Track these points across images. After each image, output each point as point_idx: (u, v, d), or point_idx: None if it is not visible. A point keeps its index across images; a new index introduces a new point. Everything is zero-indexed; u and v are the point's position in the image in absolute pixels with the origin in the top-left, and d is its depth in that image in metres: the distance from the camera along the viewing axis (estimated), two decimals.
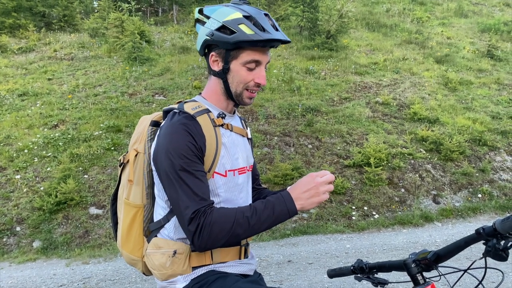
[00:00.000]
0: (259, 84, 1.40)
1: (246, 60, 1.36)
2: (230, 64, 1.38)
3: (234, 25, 1.31)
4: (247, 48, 1.34)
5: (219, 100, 1.48)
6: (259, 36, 1.30)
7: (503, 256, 1.10)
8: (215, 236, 1.23)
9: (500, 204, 6.91)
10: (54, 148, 7.16)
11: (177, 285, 1.38)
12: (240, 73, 1.38)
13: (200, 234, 1.23)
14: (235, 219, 1.23)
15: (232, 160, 1.45)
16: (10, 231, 5.68)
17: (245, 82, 1.39)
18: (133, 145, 1.52)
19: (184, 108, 1.41)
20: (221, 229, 1.23)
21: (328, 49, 12.00)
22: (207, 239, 1.23)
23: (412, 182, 7.09)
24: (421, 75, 11.05)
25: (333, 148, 7.64)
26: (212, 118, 1.42)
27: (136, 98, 9.04)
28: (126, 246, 1.50)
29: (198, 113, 1.39)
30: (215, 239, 1.24)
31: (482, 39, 14.30)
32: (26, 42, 12.24)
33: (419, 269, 1.31)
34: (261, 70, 1.39)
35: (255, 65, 1.38)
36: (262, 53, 1.37)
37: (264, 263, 4.78)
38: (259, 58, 1.37)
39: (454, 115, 9.20)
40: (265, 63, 1.40)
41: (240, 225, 1.24)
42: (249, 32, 1.30)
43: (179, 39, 12.99)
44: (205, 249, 1.29)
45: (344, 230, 5.97)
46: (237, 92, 1.42)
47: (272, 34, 1.32)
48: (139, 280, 4.39)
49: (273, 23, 1.36)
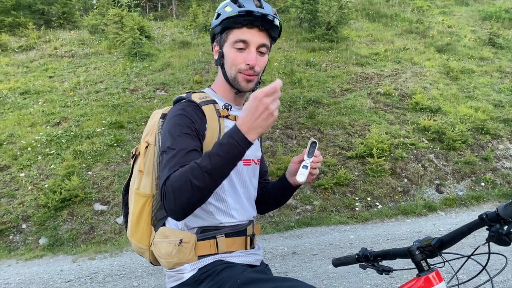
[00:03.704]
0: (249, 65, 1.39)
1: (233, 40, 1.40)
2: (223, 48, 1.44)
3: (221, 9, 1.42)
4: (234, 28, 1.39)
5: (225, 90, 1.51)
6: (235, 10, 1.36)
7: (506, 241, 1.10)
8: (177, 195, 1.18)
9: (504, 192, 6.91)
10: (57, 145, 7.19)
11: (184, 274, 1.40)
12: (230, 55, 1.41)
13: (166, 198, 1.20)
14: (190, 170, 1.17)
15: None
16: (16, 229, 5.73)
17: (235, 64, 1.41)
18: (145, 138, 1.55)
19: (192, 97, 1.46)
20: (179, 186, 1.17)
21: (328, 40, 11.95)
22: (172, 200, 1.18)
23: (415, 172, 7.09)
24: (423, 64, 11.01)
25: (336, 140, 7.65)
26: (217, 109, 1.45)
27: (137, 94, 9.05)
28: (135, 235, 1.53)
29: (204, 102, 1.43)
30: (179, 198, 1.18)
31: (484, 27, 14.21)
32: (26, 40, 12.24)
33: (423, 256, 1.32)
34: (250, 51, 1.40)
35: (244, 45, 1.39)
36: (249, 32, 1.39)
37: (269, 255, 4.81)
38: (245, 37, 1.38)
39: (456, 104, 9.18)
40: (255, 44, 1.40)
41: (195, 176, 1.16)
42: (229, 10, 1.38)
43: (179, 34, 12.96)
44: (178, 213, 1.23)
45: (347, 221, 5.99)
46: (232, 76, 1.43)
47: (248, 8, 1.36)
48: (145, 275, 4.43)
49: (259, 3, 1.40)
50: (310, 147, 1.48)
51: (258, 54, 1.42)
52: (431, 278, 1.29)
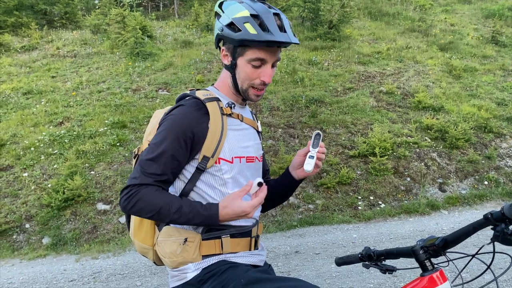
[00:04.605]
0: (264, 82, 1.42)
1: (251, 58, 1.38)
2: (237, 60, 1.42)
3: (240, 23, 1.35)
4: (252, 46, 1.37)
5: (229, 92, 1.52)
6: (260, 37, 1.32)
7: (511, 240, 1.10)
8: (140, 210, 1.33)
9: (507, 190, 6.88)
10: (60, 145, 7.21)
11: (188, 273, 1.40)
12: (245, 70, 1.41)
13: (127, 201, 1.32)
14: (161, 206, 1.32)
15: (240, 148, 1.48)
16: (20, 228, 5.75)
17: (250, 80, 1.42)
18: (147, 137, 1.56)
19: (196, 94, 1.46)
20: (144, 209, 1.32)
21: (330, 39, 11.93)
22: (132, 207, 1.33)
23: (417, 170, 7.07)
24: (425, 63, 10.97)
25: (338, 139, 7.63)
26: (221, 107, 1.46)
27: (139, 94, 9.05)
28: (138, 235, 1.54)
29: (208, 99, 1.44)
30: (135, 211, 1.34)
31: (486, 25, 14.16)
32: (29, 41, 12.27)
33: (427, 256, 1.32)
34: (266, 68, 1.41)
35: (261, 63, 1.39)
36: (267, 52, 1.38)
37: (272, 254, 4.81)
38: (264, 56, 1.38)
39: (459, 103, 9.15)
40: (272, 62, 1.42)
41: (162, 213, 1.32)
42: (252, 31, 1.33)
43: (181, 33, 12.96)
44: (128, 213, 1.44)
45: (350, 220, 5.98)
46: (243, 88, 1.45)
47: (274, 35, 1.32)
48: (148, 274, 4.44)
49: (281, 24, 1.37)
50: (315, 138, 1.54)
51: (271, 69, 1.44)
52: (435, 277, 1.29)
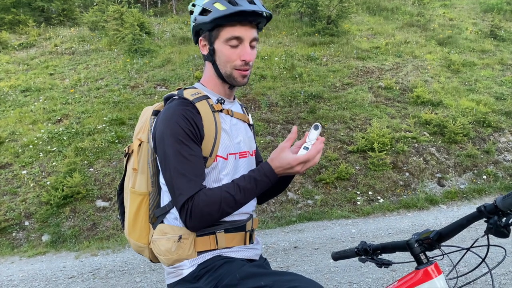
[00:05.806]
0: (245, 61, 1.40)
1: (226, 37, 1.38)
2: (214, 45, 1.41)
3: (210, 5, 1.36)
4: (226, 25, 1.37)
5: (216, 84, 1.50)
6: (230, 10, 1.32)
7: (504, 233, 1.11)
8: (205, 218, 1.31)
9: (505, 185, 6.90)
10: (58, 142, 7.20)
11: (184, 270, 1.40)
12: (224, 52, 1.40)
13: (191, 218, 1.29)
14: (221, 200, 1.30)
15: (233, 144, 1.48)
16: (19, 226, 5.75)
17: (230, 61, 1.40)
18: (137, 135, 1.56)
19: (184, 94, 1.44)
20: (209, 212, 1.30)
21: (329, 34, 11.90)
22: (198, 221, 1.31)
23: (416, 165, 7.08)
24: (424, 58, 10.96)
25: (337, 134, 7.64)
26: (211, 104, 1.44)
27: (138, 91, 9.04)
28: (133, 234, 1.53)
29: (197, 99, 1.42)
30: (205, 221, 1.32)
31: (485, 20, 14.13)
32: (27, 38, 12.23)
33: (422, 249, 1.32)
34: (244, 47, 1.39)
35: (237, 41, 1.39)
36: (242, 29, 1.38)
37: (271, 250, 4.82)
38: (239, 34, 1.38)
39: (457, 97, 9.15)
40: (249, 39, 1.40)
41: (227, 204, 1.31)
42: (222, 8, 1.33)
43: (179, 30, 12.92)
44: (198, 228, 1.37)
45: (349, 216, 6.00)
46: (227, 73, 1.43)
47: (243, 6, 1.33)
48: (147, 270, 4.45)
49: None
50: (313, 130, 1.48)
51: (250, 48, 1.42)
52: (430, 270, 1.30)
